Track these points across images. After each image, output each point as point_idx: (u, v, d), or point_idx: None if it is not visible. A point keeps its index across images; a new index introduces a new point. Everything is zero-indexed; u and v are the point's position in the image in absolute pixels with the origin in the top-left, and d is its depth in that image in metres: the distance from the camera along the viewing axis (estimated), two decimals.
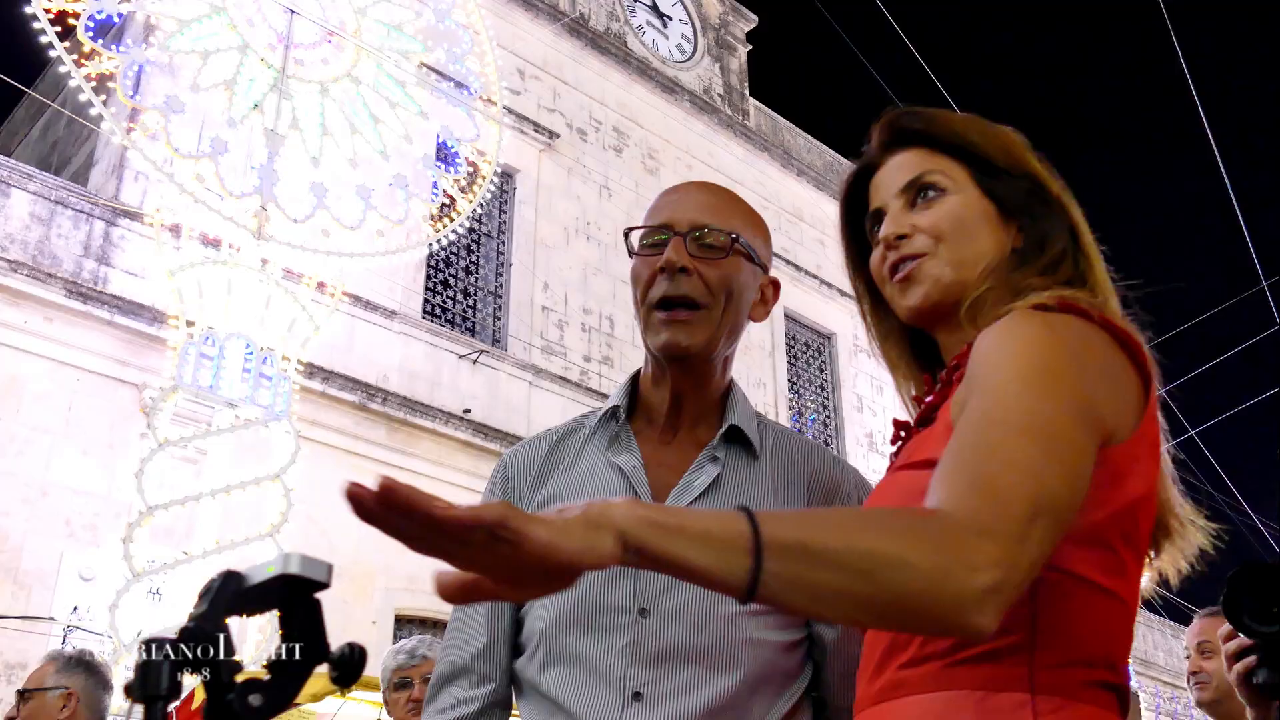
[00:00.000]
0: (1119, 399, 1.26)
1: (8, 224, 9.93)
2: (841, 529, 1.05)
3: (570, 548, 0.96)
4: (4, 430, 9.38)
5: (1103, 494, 1.22)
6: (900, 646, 1.27)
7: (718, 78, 18.21)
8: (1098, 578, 1.24)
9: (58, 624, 8.73)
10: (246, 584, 0.90)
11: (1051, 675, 1.20)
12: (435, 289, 13.36)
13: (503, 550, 0.94)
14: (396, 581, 11.18)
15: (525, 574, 0.98)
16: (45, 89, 13.54)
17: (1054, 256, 1.41)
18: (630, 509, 1.00)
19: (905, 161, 1.49)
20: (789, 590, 1.02)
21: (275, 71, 9.92)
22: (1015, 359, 1.23)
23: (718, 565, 1.00)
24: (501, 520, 0.93)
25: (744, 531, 1.01)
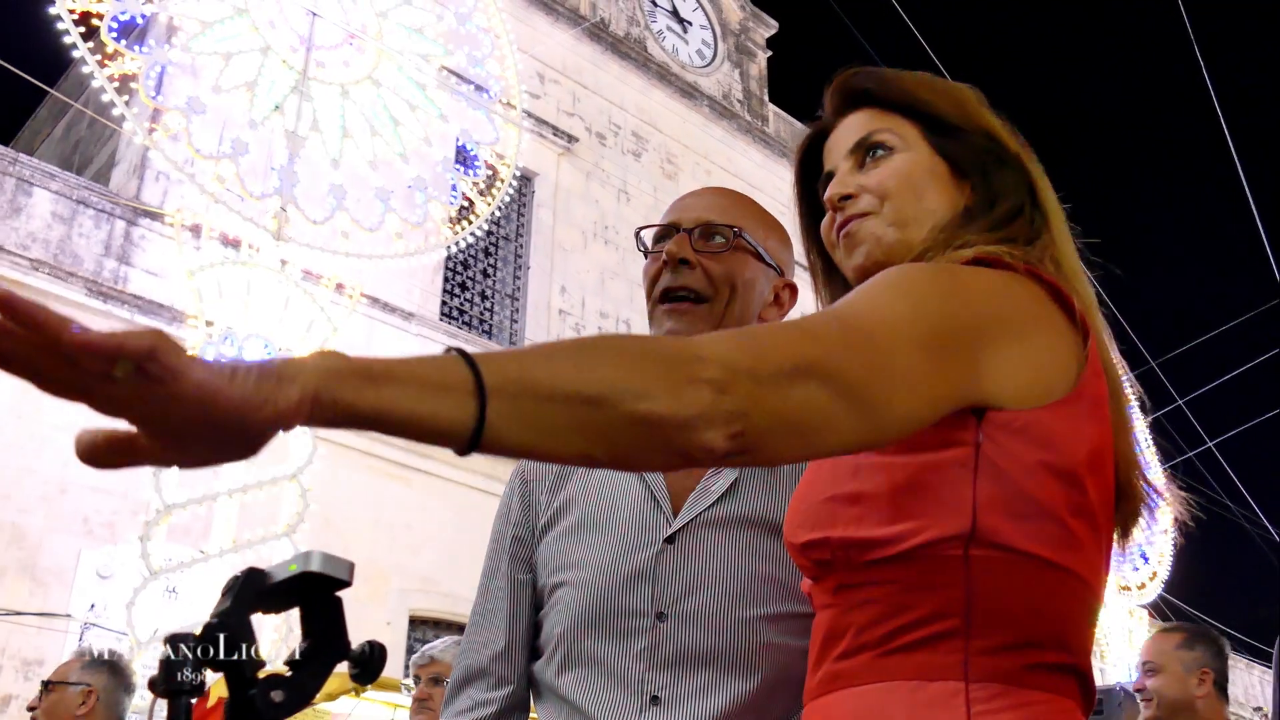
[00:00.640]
0: (1041, 354, 1.20)
1: (30, 223, 10.00)
2: (567, 357, 0.96)
3: (237, 393, 0.81)
4: (23, 428, 9.43)
5: (1034, 458, 1.16)
6: (836, 637, 1.23)
7: (737, 83, 18.21)
8: (1042, 551, 1.16)
9: (75, 621, 8.78)
10: (269, 581, 0.90)
11: (989, 660, 1.14)
12: (453, 291, 13.39)
13: (154, 390, 0.79)
14: (411, 582, 11.21)
15: (186, 427, 0.82)
16: (68, 89, 13.63)
17: (1003, 213, 1.35)
18: (324, 358, 0.87)
19: (855, 122, 1.45)
20: (519, 430, 0.92)
21: (296, 73, 9.96)
22: (882, 279, 1.18)
23: (437, 413, 0.88)
24: (150, 350, 0.78)
25: (463, 374, 0.90)
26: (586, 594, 1.70)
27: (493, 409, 0.90)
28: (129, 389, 0.79)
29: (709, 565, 1.67)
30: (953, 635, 1.14)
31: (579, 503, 1.78)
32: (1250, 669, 22.31)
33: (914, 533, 1.17)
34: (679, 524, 1.70)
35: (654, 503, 1.73)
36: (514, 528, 1.86)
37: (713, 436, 0.96)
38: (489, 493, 12.03)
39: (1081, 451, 1.19)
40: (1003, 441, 1.16)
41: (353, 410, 0.86)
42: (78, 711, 3.52)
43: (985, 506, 1.15)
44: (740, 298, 1.76)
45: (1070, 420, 1.19)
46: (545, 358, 0.95)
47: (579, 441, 0.95)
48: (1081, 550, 1.19)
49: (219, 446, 0.85)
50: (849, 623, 1.21)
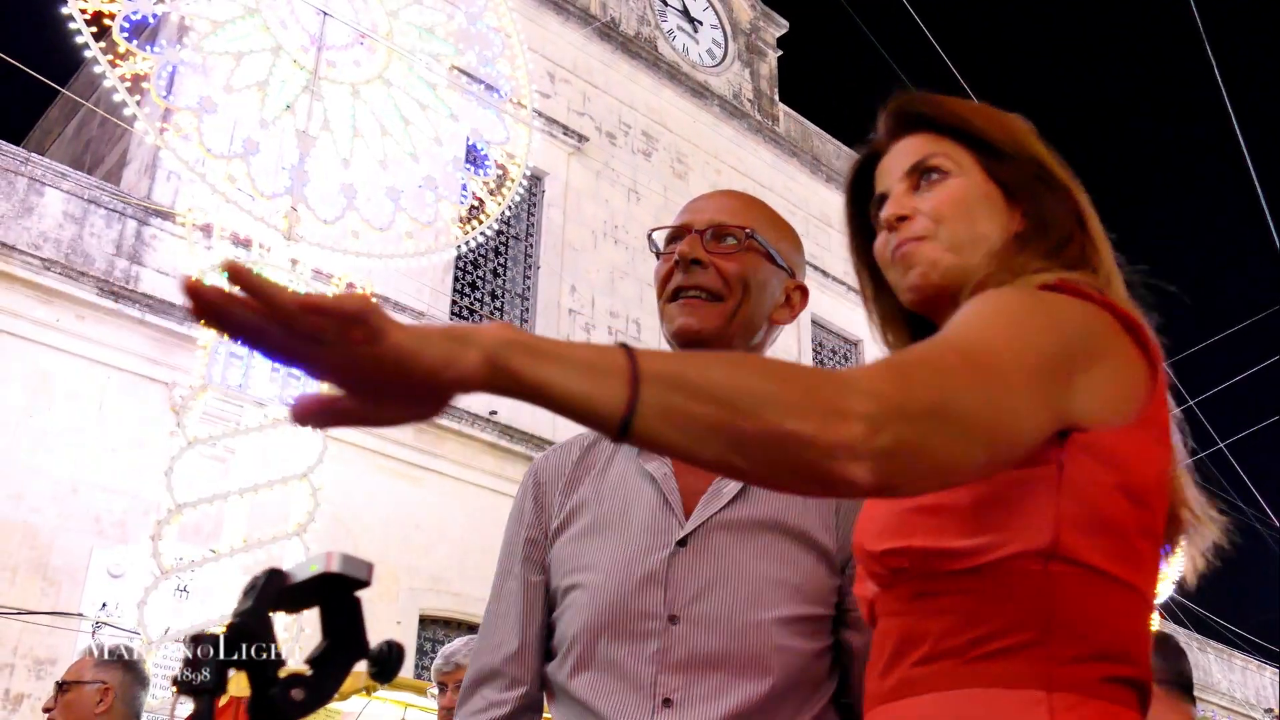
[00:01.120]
0: (1117, 381, 1.24)
1: (41, 222, 10.03)
2: (726, 366, 1.02)
3: (430, 354, 0.91)
4: (35, 427, 9.47)
5: (1103, 478, 1.21)
6: (914, 643, 1.26)
7: (748, 83, 18.21)
8: (1113, 569, 1.21)
9: (87, 620, 8.81)
10: (290, 582, 0.91)
11: (1068, 671, 1.18)
12: (463, 291, 13.41)
13: (359, 351, 0.90)
14: (421, 582, 11.23)
15: (384, 385, 0.92)
16: (79, 88, 13.67)
17: (1058, 240, 1.39)
18: (502, 330, 0.96)
19: (910, 146, 1.48)
20: (664, 423, 0.98)
21: (307, 73, 9.98)
22: (986, 306, 1.23)
23: (593, 393, 0.96)
24: (361, 312, 0.89)
25: (622, 361, 0.97)
26: (599, 597, 1.70)
27: (644, 398, 0.96)
28: (338, 350, 0.89)
29: (721, 568, 1.68)
30: (1033, 645, 1.18)
31: (592, 505, 1.79)
32: (1262, 670, 22.26)
33: (996, 545, 1.21)
34: (691, 526, 1.71)
35: (666, 505, 1.73)
36: (527, 529, 1.86)
37: (857, 470, 1.00)
38: (499, 493, 12.05)
39: (1151, 474, 1.25)
40: (1084, 462, 1.21)
41: (519, 379, 0.94)
42: (96, 710, 3.52)
43: (1066, 523, 1.19)
44: (753, 297, 1.77)
45: (1141, 444, 1.25)
46: (702, 360, 1.02)
47: (720, 446, 0.99)
48: (1145, 568, 1.25)
49: (409, 404, 0.95)
50: (927, 630, 1.24)
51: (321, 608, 0.94)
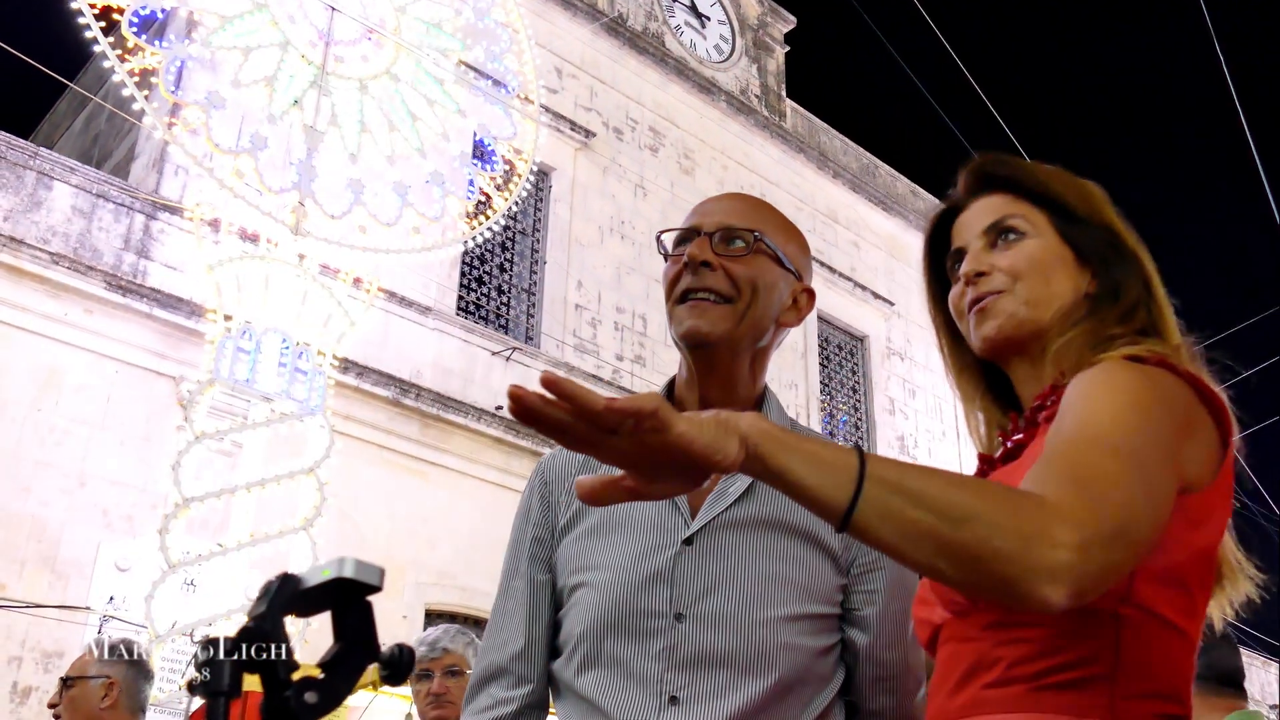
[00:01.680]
0: (1200, 450, 1.33)
1: (50, 216, 10.05)
2: (941, 479, 1.13)
3: (703, 440, 1.07)
4: (43, 421, 9.50)
5: (1183, 537, 1.29)
6: (985, 666, 1.33)
7: (755, 78, 18.19)
8: (1175, 617, 1.31)
9: (94, 613, 8.83)
10: (303, 586, 0.93)
11: (1129, 705, 1.27)
12: (469, 286, 13.42)
13: (648, 439, 1.05)
14: (427, 576, 11.25)
15: (662, 466, 1.08)
16: (88, 82, 13.69)
17: (1129, 304, 1.48)
18: (756, 421, 1.12)
19: (989, 205, 1.57)
20: (881, 522, 1.10)
21: (315, 68, 9.99)
22: (1111, 394, 1.30)
23: (823, 485, 1.10)
24: (656, 410, 1.04)
25: (852, 461, 1.11)
26: (606, 595, 1.72)
27: (866, 495, 1.09)
28: (629, 441, 1.06)
29: (726, 566, 1.70)
30: (1101, 680, 1.28)
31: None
32: (1267, 667, 22.26)
33: None
34: (697, 525, 1.72)
35: (672, 505, 1.74)
36: (534, 528, 1.88)
37: (1054, 592, 1.09)
38: (505, 488, 12.06)
39: (1215, 535, 1.36)
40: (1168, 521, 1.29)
41: (766, 466, 1.11)
42: (101, 705, 3.53)
43: (1142, 574, 1.28)
44: (761, 300, 1.77)
45: (1209, 508, 1.34)
46: (924, 472, 1.13)
47: (929, 551, 1.10)
48: (1197, 617, 1.35)
49: (680, 481, 1.12)
50: (1000, 656, 1.33)
51: (334, 612, 0.95)
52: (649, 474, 1.10)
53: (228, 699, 0.85)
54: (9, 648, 8.91)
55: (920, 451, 17.71)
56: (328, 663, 0.93)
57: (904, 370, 17.78)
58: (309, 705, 0.88)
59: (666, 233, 1.86)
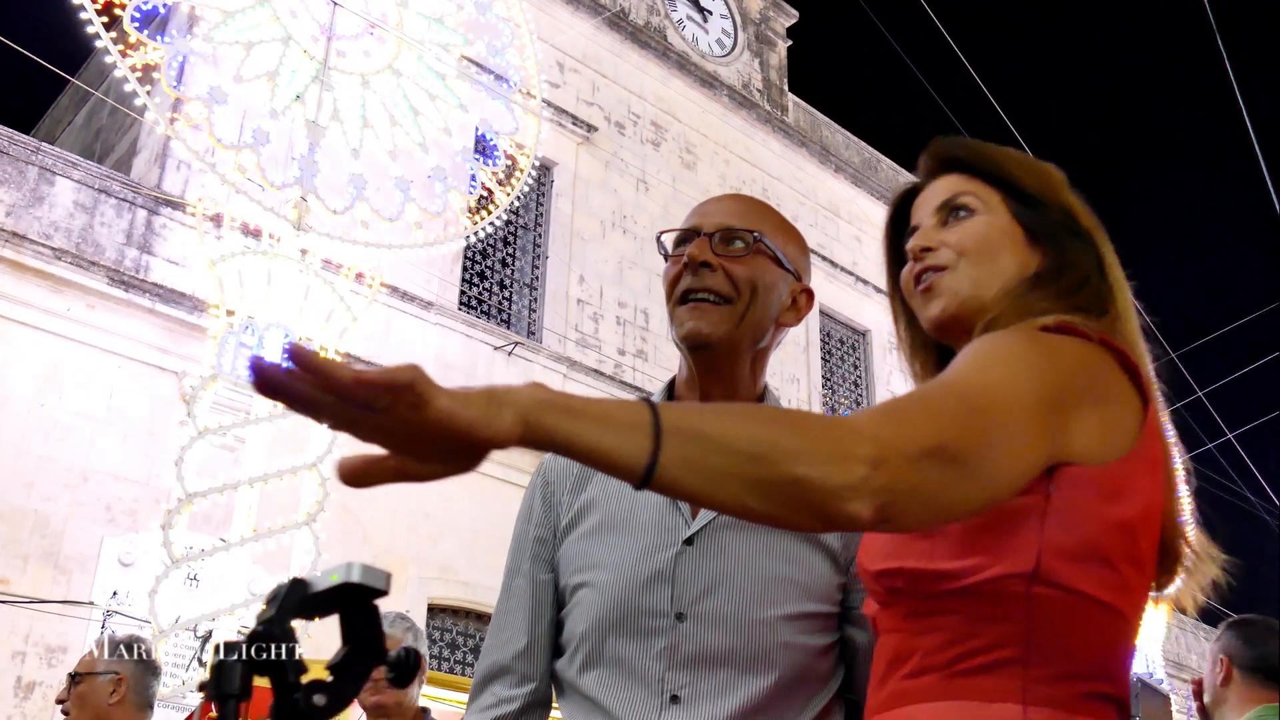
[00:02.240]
0: (1111, 417, 1.32)
1: (52, 212, 10.06)
2: (736, 416, 1.11)
3: (468, 415, 1.00)
4: (46, 416, 9.51)
5: (1097, 509, 1.28)
6: (903, 659, 1.33)
7: (757, 73, 18.18)
8: (1096, 593, 1.28)
9: (98, 609, 8.85)
10: (311, 590, 0.94)
11: (1045, 688, 1.25)
12: (472, 281, 13.43)
13: (407, 415, 0.98)
14: (429, 571, 11.27)
15: (427, 445, 1.00)
16: (89, 77, 13.70)
17: (1072, 282, 1.47)
18: (534, 390, 1.05)
19: (943, 185, 1.58)
20: (685, 473, 1.05)
21: (317, 63, 9.99)
22: (983, 352, 1.30)
23: (618, 447, 1.04)
24: (411, 383, 0.97)
25: (645, 416, 1.05)
26: (607, 595, 1.74)
27: (665, 450, 1.05)
28: (387, 418, 0.98)
29: (727, 566, 1.71)
30: (1013, 664, 1.26)
31: (600, 504, 1.82)
32: None
33: (982, 568, 1.29)
34: (697, 526, 1.74)
35: (673, 505, 1.76)
36: (536, 528, 1.89)
37: (859, 508, 1.08)
38: (508, 482, 12.06)
39: (1137, 505, 1.32)
40: (1070, 493, 1.28)
41: (551, 436, 1.04)
42: (109, 701, 3.55)
43: (1049, 550, 1.27)
44: (760, 301, 1.79)
45: (1129, 477, 1.32)
46: (717, 413, 1.11)
47: (738, 491, 1.07)
48: (1129, 593, 1.33)
49: (449, 461, 1.04)
50: (916, 646, 1.33)
51: (341, 615, 0.96)
52: (415, 453, 1.02)
53: (238, 701, 0.86)
54: (12, 643, 8.93)
55: None
56: (336, 665, 0.94)
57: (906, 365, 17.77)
58: (318, 707, 0.89)
59: (666, 233, 1.87)
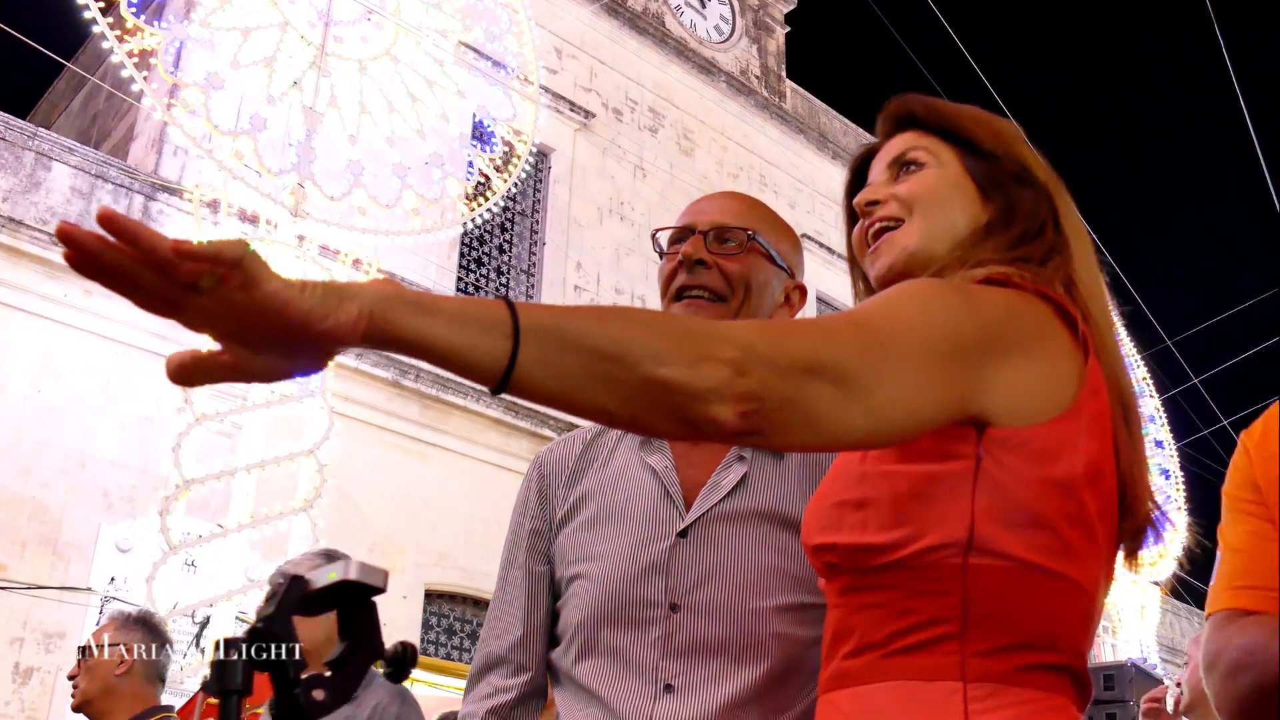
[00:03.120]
0: (1043, 370, 1.27)
1: (49, 197, 10.06)
2: (598, 318, 1.06)
3: (304, 304, 0.92)
4: (43, 402, 9.52)
5: (1032, 471, 1.23)
6: (843, 637, 1.31)
7: (755, 59, 18.16)
8: (1036, 558, 1.23)
9: (96, 594, 8.87)
10: (310, 588, 0.95)
11: (984, 662, 1.21)
12: (469, 267, 13.43)
13: (235, 297, 0.90)
14: (427, 557, 11.30)
15: (259, 333, 0.93)
16: (86, 62, 13.67)
17: (1019, 232, 1.43)
18: (383, 285, 0.98)
19: (897, 142, 1.55)
20: (543, 374, 1.01)
21: (315, 49, 9.98)
22: (900, 291, 1.26)
23: (474, 346, 0.99)
24: (239, 259, 0.89)
25: (503, 315, 1.00)
26: (602, 586, 1.76)
27: (524, 350, 0.99)
28: (213, 299, 0.89)
29: (721, 557, 1.74)
30: (950, 639, 1.22)
31: (595, 496, 1.84)
32: None
33: (913, 539, 1.24)
34: (691, 518, 1.76)
35: (667, 497, 1.79)
36: (531, 520, 1.91)
37: (723, 411, 1.05)
38: (505, 469, 12.10)
39: (1079, 465, 1.26)
40: (1001, 456, 1.23)
41: (400, 333, 0.96)
42: (116, 673, 3.58)
43: (982, 516, 1.22)
44: (754, 297, 1.82)
45: (1068, 435, 1.26)
46: (579, 314, 1.05)
47: (598, 394, 1.04)
48: (1077, 558, 1.26)
49: (289, 357, 0.96)
50: (854, 624, 1.29)
51: (339, 612, 0.97)
52: (246, 344, 0.94)
53: (240, 697, 0.88)
54: (11, 629, 8.95)
55: None
56: (334, 661, 0.95)
57: None
58: (317, 703, 0.90)
59: (661, 230, 1.92)
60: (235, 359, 0.94)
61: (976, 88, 14.08)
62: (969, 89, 31.17)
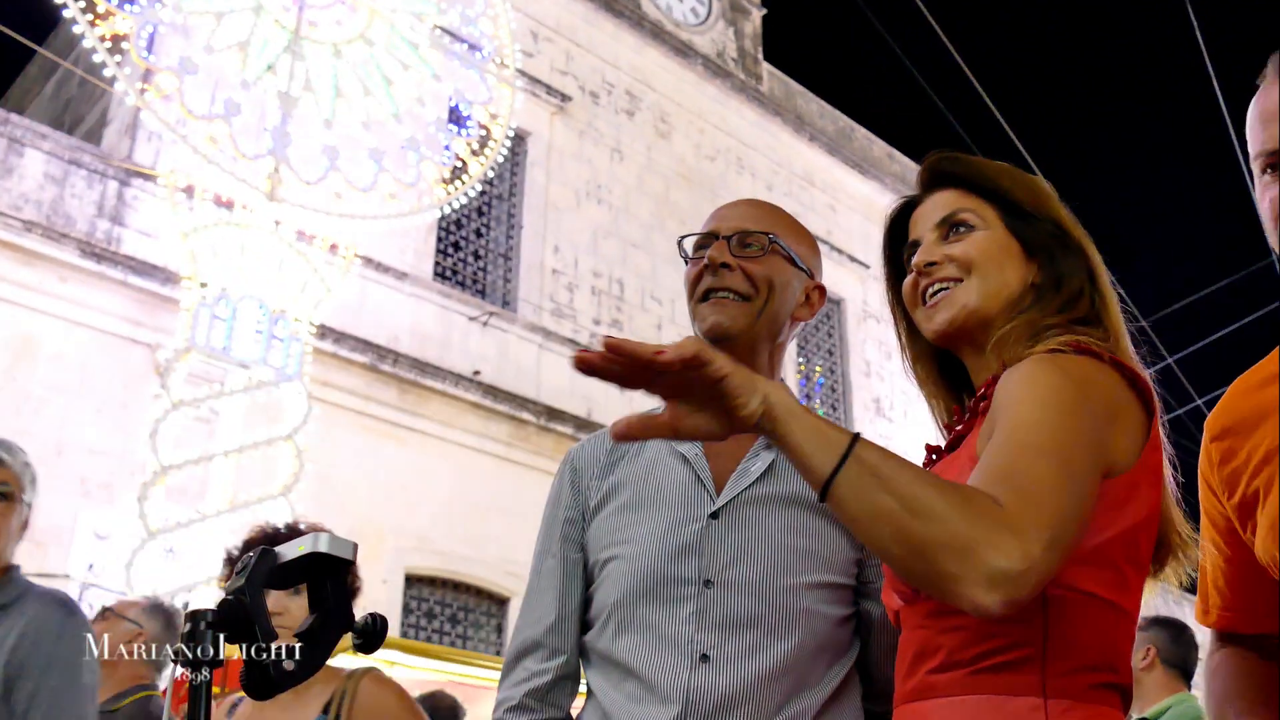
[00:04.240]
0: (1123, 432, 1.41)
1: (22, 183, 9.99)
2: (914, 473, 1.23)
3: (737, 379, 1.23)
4: (19, 390, 9.47)
5: (1107, 518, 1.38)
6: (929, 654, 1.44)
7: (731, 42, 18.13)
8: (1103, 593, 1.39)
9: (74, 581, 8.84)
10: (280, 561, 0.96)
11: (1062, 681, 1.36)
12: (446, 251, 13.40)
13: (695, 375, 1.22)
14: (407, 541, 11.29)
15: (701, 402, 1.25)
16: (58, 47, 13.56)
17: (1070, 294, 1.57)
18: (779, 387, 1.27)
19: (942, 200, 1.67)
20: (853, 497, 1.21)
21: (289, 33, 9.92)
22: (1035, 395, 1.38)
23: (814, 454, 1.23)
24: (696, 354, 1.21)
25: (844, 440, 1.23)
26: (639, 565, 1.86)
27: (846, 471, 1.22)
28: (679, 377, 1.22)
29: (751, 538, 1.84)
30: (1032, 660, 1.37)
31: (629, 485, 1.95)
32: None
33: None
34: (723, 501, 1.87)
35: (699, 483, 1.89)
36: (565, 510, 2.01)
37: (989, 598, 1.18)
38: (484, 452, 12.10)
39: (1141, 512, 1.43)
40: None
41: (775, 427, 1.25)
42: (124, 643, 3.67)
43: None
44: (777, 297, 1.94)
45: (1135, 486, 1.42)
46: (902, 463, 1.24)
47: (889, 535, 1.21)
48: (1130, 591, 1.44)
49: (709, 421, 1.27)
50: (941, 643, 1.43)
51: (310, 584, 0.99)
52: (688, 406, 1.25)
53: (211, 668, 0.89)
54: None
55: (896, 414, 17.80)
56: (305, 632, 0.97)
57: (880, 333, 17.83)
58: (288, 672, 0.92)
59: (687, 237, 2.02)
60: (675, 418, 1.28)
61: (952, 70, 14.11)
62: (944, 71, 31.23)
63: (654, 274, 14.89)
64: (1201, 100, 65.46)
